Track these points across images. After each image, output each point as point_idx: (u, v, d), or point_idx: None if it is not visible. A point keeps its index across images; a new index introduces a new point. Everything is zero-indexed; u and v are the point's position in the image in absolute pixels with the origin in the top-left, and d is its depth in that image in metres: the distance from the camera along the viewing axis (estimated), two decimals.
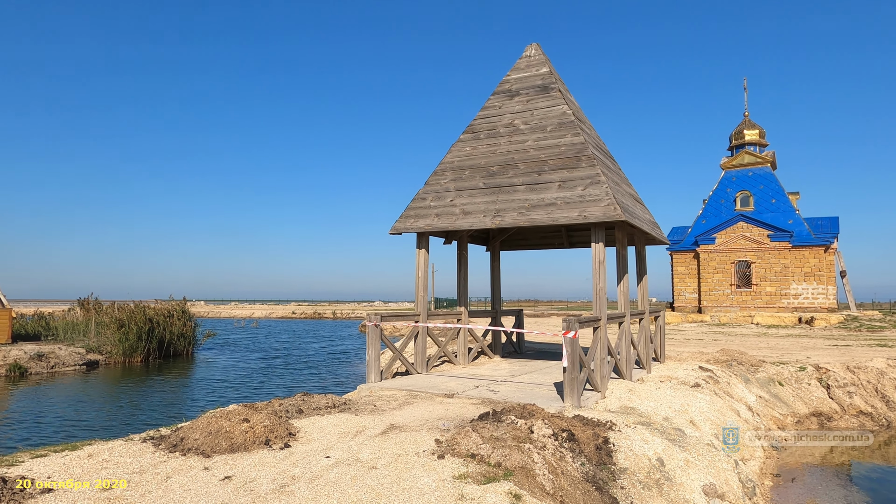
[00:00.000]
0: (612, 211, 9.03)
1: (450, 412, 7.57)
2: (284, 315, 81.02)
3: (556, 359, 13.60)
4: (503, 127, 11.03)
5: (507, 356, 14.07)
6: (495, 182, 10.44)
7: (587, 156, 9.79)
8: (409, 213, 11.06)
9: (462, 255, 12.68)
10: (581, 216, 9.25)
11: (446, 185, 10.97)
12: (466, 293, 12.68)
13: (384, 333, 10.15)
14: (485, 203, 10.33)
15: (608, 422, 7.22)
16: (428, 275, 11.26)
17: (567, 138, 10.16)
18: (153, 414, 12.56)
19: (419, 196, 11.14)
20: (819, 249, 32.40)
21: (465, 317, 12.57)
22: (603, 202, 9.19)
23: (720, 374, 12.30)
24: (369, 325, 9.85)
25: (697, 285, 35.33)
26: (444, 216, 10.63)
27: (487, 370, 11.59)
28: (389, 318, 10.40)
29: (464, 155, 11.14)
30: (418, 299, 11.17)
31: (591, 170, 9.60)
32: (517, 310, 15.24)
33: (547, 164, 10.09)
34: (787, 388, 13.61)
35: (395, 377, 10.74)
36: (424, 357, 11.13)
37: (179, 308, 27.26)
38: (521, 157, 10.45)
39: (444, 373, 11.18)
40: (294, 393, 14.52)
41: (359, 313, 79.71)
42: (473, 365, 12.37)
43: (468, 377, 10.53)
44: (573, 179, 9.68)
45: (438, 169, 11.26)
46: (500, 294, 14.27)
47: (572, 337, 8.16)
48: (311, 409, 7.49)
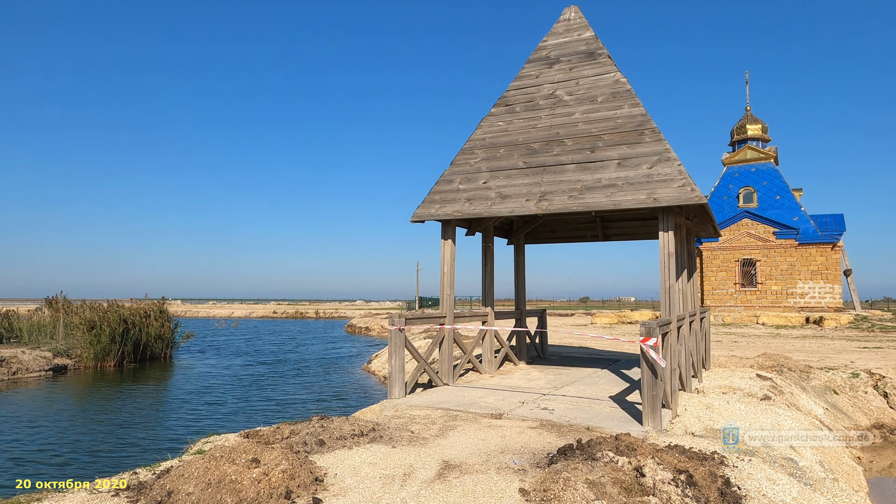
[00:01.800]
0: (687, 193, 7.54)
1: (509, 440, 6.00)
2: (265, 315, 78.72)
3: (587, 365, 12.13)
4: (543, 98, 9.48)
5: (532, 362, 12.55)
6: (538, 161, 8.89)
7: (651, 129, 8.29)
8: (433, 198, 9.46)
9: (488, 248, 11.10)
10: (650, 199, 7.75)
11: (477, 164, 9.39)
12: (493, 291, 11.11)
13: (408, 339, 8.54)
14: (526, 185, 8.78)
15: (713, 453, 5.72)
16: (454, 269, 9.67)
17: (624, 109, 8.64)
18: (127, 438, 10.70)
19: (445, 178, 9.55)
20: (826, 247, 31.49)
21: (492, 318, 11.00)
22: (676, 182, 7.70)
23: (780, 383, 10.91)
24: (392, 330, 8.23)
25: (700, 284, 34.18)
26: (477, 201, 9.05)
27: (520, 380, 10.05)
28: (414, 321, 8.80)
29: (497, 130, 9.56)
30: (443, 298, 9.57)
31: (657, 145, 8.10)
32: (540, 310, 13.73)
33: (601, 140, 8.57)
34: (843, 397, 12.31)
35: (416, 390, 9.14)
36: (451, 365, 9.53)
37: (157, 308, 25.24)
38: (568, 132, 8.91)
39: (473, 384, 9.61)
40: (291, 407, 12.89)
41: (343, 313, 77.75)
42: (501, 373, 10.81)
43: (504, 389, 8.97)
44: (636, 157, 8.17)
45: (467, 147, 9.67)
46: (525, 293, 12.73)
47: (654, 345, 6.64)
48: (335, 438, 5.85)
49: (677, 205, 7.62)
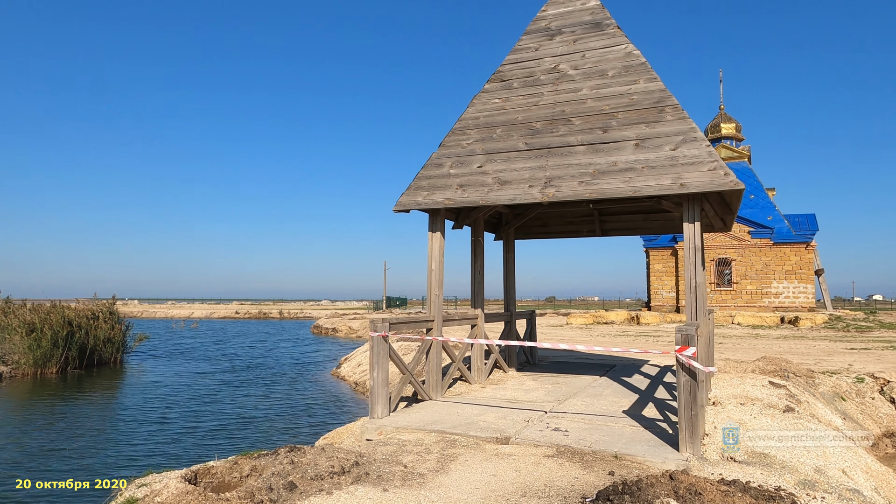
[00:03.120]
0: (720, 178, 6.51)
1: (526, 476, 4.84)
2: (227, 315, 76.06)
3: (582, 372, 11.09)
4: (544, 73, 8.37)
5: (522, 368, 11.45)
6: (542, 142, 7.77)
7: (672, 106, 7.25)
8: (420, 184, 8.25)
9: (478, 243, 9.95)
10: (676, 185, 6.70)
11: (471, 146, 8.22)
12: (483, 291, 9.97)
13: (392, 347, 7.31)
14: (529, 169, 7.65)
15: (778, 490, 4.67)
16: (443, 267, 8.48)
17: (639, 84, 7.59)
18: (47, 471, 8.62)
19: (433, 161, 8.35)
20: (800, 247, 31.42)
21: (482, 321, 9.85)
22: (705, 165, 6.67)
23: (794, 391, 10.07)
24: (375, 337, 6.99)
25: (675, 284, 33.84)
26: (472, 188, 7.87)
27: (516, 391, 8.92)
28: (399, 326, 7.57)
29: (493, 108, 8.41)
30: (431, 299, 8.37)
31: (681, 123, 7.07)
32: (529, 311, 12.65)
33: (614, 118, 7.50)
34: (851, 404, 11.59)
35: (399, 405, 7.92)
36: (439, 377, 8.34)
37: (106, 308, 23.33)
38: (576, 110, 7.82)
39: (464, 397, 8.44)
40: (252, 425, 11.11)
41: (308, 313, 75.70)
42: (492, 383, 9.67)
43: (502, 404, 7.83)
44: (656, 137, 7.12)
45: (458, 126, 8.49)
46: (515, 292, 11.62)
47: (693, 355, 5.58)
48: (308, 479, 4.59)
49: (709, 191, 6.59)
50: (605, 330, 28.74)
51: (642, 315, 32.24)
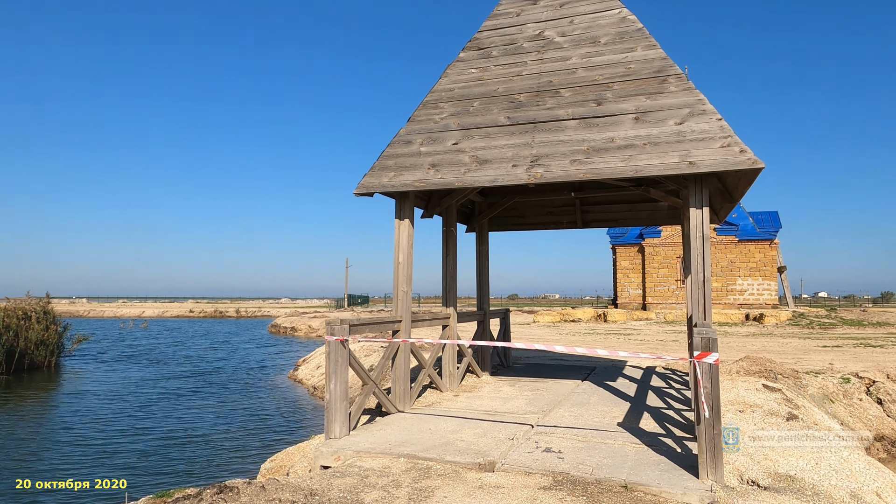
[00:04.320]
0: (736, 155, 5.64)
1: None
2: (181, 314, 73.12)
3: (561, 375, 10.20)
4: (527, 40, 7.38)
5: (496, 372, 10.48)
6: (526, 116, 6.77)
7: (676, 75, 6.36)
8: (386, 164, 7.15)
9: (450, 234, 8.91)
10: (684, 163, 5.80)
11: (444, 121, 7.16)
12: (455, 287, 8.94)
13: (352, 353, 6.21)
14: (512, 147, 6.65)
15: None
16: (412, 260, 7.41)
17: (637, 52, 6.68)
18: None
19: (401, 138, 7.26)
20: (764, 244, 31.48)
21: (455, 321, 8.82)
22: (717, 141, 5.79)
23: (790, 395, 9.38)
24: (331, 342, 5.87)
25: (642, 281, 33.55)
26: (446, 167, 6.83)
27: (493, 399, 7.93)
28: (361, 328, 6.47)
29: (469, 79, 7.38)
30: (398, 297, 7.29)
31: (687, 95, 6.18)
32: (503, 310, 11.70)
33: (609, 90, 6.56)
34: (839, 406, 11.03)
35: (361, 418, 6.83)
36: (408, 385, 7.27)
37: (40, 308, 21.43)
38: (565, 81, 6.85)
39: (436, 408, 7.40)
40: (189, 447, 9.32)
41: (267, 311, 73.36)
42: (466, 390, 8.66)
43: (480, 416, 6.82)
44: (658, 110, 6.21)
45: (430, 99, 7.43)
46: (489, 289, 10.63)
47: (715, 363, 4.67)
48: None
49: (723, 171, 5.71)
50: (574, 328, 28.13)
51: (609, 312, 31.82)
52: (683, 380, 9.98)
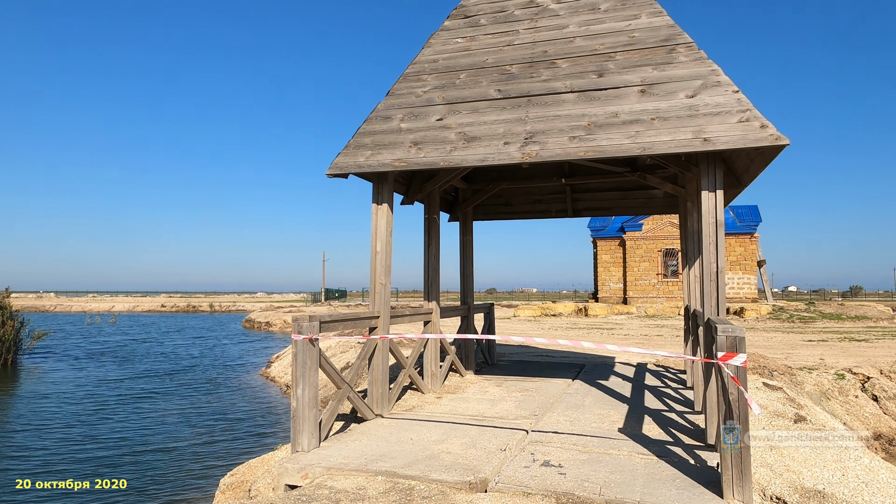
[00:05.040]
0: (755, 131, 5.04)
1: None
2: (152, 308, 71.26)
3: (549, 374, 9.60)
4: (519, 8, 6.69)
5: (480, 370, 9.84)
6: (520, 88, 6.09)
7: (685, 44, 5.74)
8: (362, 142, 6.41)
9: (433, 222, 8.21)
10: (697, 140, 5.19)
11: (428, 94, 6.45)
12: (438, 280, 8.25)
13: (323, 354, 5.48)
14: (504, 122, 5.96)
15: None
16: (391, 249, 6.69)
17: (641, 20, 6.04)
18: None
19: (379, 114, 6.53)
20: (745, 238, 31.40)
21: (437, 316, 8.14)
22: (734, 115, 5.18)
23: (791, 394, 8.91)
24: (299, 341, 5.13)
25: (623, 275, 33.25)
26: (430, 146, 6.12)
27: (479, 402, 7.27)
28: (334, 325, 5.74)
29: (455, 49, 6.67)
30: (375, 291, 6.57)
31: (699, 65, 5.56)
32: (487, 304, 11.04)
33: (612, 60, 5.91)
34: (836, 403, 10.64)
35: (334, 426, 6.11)
36: (386, 388, 6.57)
37: None
38: (562, 51, 6.19)
39: (418, 413, 6.71)
40: (146, 457, 8.36)
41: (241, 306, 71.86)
42: (449, 391, 7.99)
43: (467, 422, 6.15)
44: (667, 81, 5.59)
45: (411, 71, 6.70)
46: (473, 281, 9.96)
47: (742, 365, 4.06)
48: None
49: (741, 148, 5.10)
50: (555, 322, 27.69)
51: (590, 306, 31.47)
52: (679, 378, 9.45)
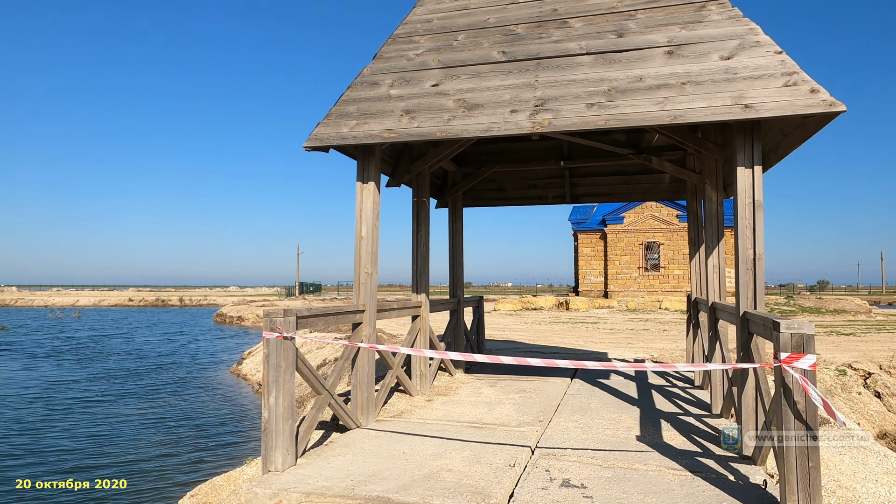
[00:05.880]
0: (804, 96, 4.38)
1: None
2: (119, 302, 69.06)
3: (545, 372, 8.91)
4: None
5: (470, 369, 9.11)
6: (527, 50, 5.34)
7: (717, 0, 5.04)
8: (345, 110, 5.60)
9: (422, 205, 7.43)
10: (737, 107, 4.50)
11: (421, 58, 5.65)
12: (428, 269, 7.48)
13: (301, 355, 4.67)
14: (510, 88, 5.20)
15: None
16: (378, 234, 5.90)
17: None
18: None
19: (365, 79, 5.71)
20: (726, 231, 31.23)
21: (427, 310, 7.37)
22: (777, 79, 4.51)
23: None
24: (271, 340, 4.32)
25: (604, 268, 32.88)
26: (425, 114, 5.33)
27: (475, 405, 6.54)
28: (313, 321, 4.94)
29: (451, 8, 5.88)
30: (360, 281, 5.77)
31: (734, 23, 4.87)
32: (476, 298, 10.31)
33: (633, 19, 5.19)
34: (839, 400, 10.20)
35: (314, 435, 5.32)
36: (372, 392, 5.79)
37: None
38: (574, 9, 5.44)
39: (408, 420, 5.94)
40: (106, 468, 7.34)
41: (213, 300, 70.11)
42: (440, 393, 7.24)
43: (465, 431, 5.41)
44: (699, 42, 4.88)
45: (401, 32, 5.89)
46: (464, 272, 9.21)
47: (811, 367, 3.39)
48: None
49: (788, 115, 4.43)
50: (537, 317, 27.16)
51: (571, 300, 31.03)
52: (683, 376, 8.85)
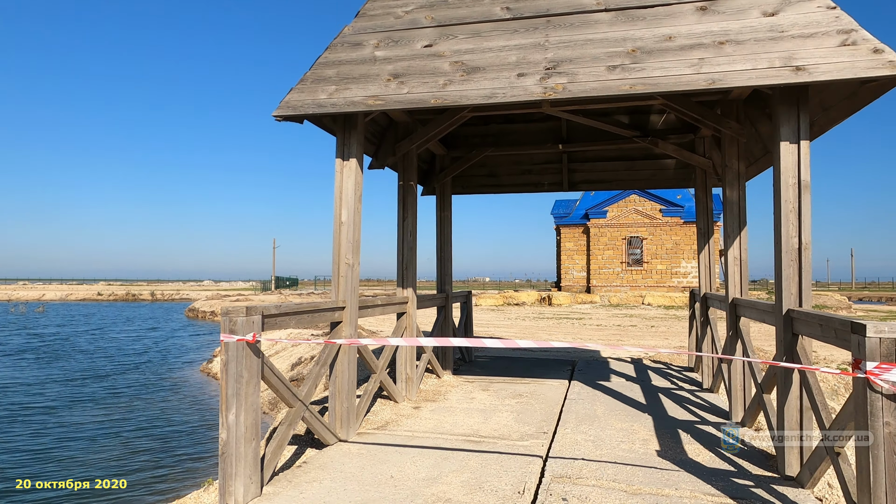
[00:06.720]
0: (867, 57, 3.73)
1: None
2: (88, 297, 66.87)
3: (540, 373, 8.27)
4: None
5: (458, 370, 8.41)
6: (535, 6, 4.60)
7: None
8: (323, 74, 4.81)
9: (408, 190, 6.67)
10: (787, 69, 3.84)
11: (411, 15, 4.88)
12: (415, 261, 6.74)
13: (268, 361, 3.90)
14: (517, 49, 4.47)
15: None
16: (360, 219, 5.13)
17: None
18: None
19: (346, 39, 4.92)
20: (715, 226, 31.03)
21: (414, 307, 6.63)
22: (832, 37, 3.86)
23: None
24: (230, 343, 3.54)
25: (587, 263, 32.47)
26: (416, 78, 4.57)
27: (469, 413, 5.83)
28: (284, 320, 4.16)
29: None
30: (339, 274, 5.01)
31: None
32: (464, 293, 9.60)
33: None
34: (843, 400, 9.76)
35: (286, 453, 4.55)
36: (353, 400, 5.03)
37: None
38: None
39: (394, 431, 5.21)
40: (49, 491, 6.70)
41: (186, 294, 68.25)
42: (428, 399, 6.51)
43: (458, 446, 4.69)
44: None
45: None
46: (452, 265, 8.48)
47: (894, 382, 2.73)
48: None
49: (847, 79, 3.78)
50: (521, 312, 26.59)
51: (554, 295, 30.55)
52: (687, 377, 8.28)
